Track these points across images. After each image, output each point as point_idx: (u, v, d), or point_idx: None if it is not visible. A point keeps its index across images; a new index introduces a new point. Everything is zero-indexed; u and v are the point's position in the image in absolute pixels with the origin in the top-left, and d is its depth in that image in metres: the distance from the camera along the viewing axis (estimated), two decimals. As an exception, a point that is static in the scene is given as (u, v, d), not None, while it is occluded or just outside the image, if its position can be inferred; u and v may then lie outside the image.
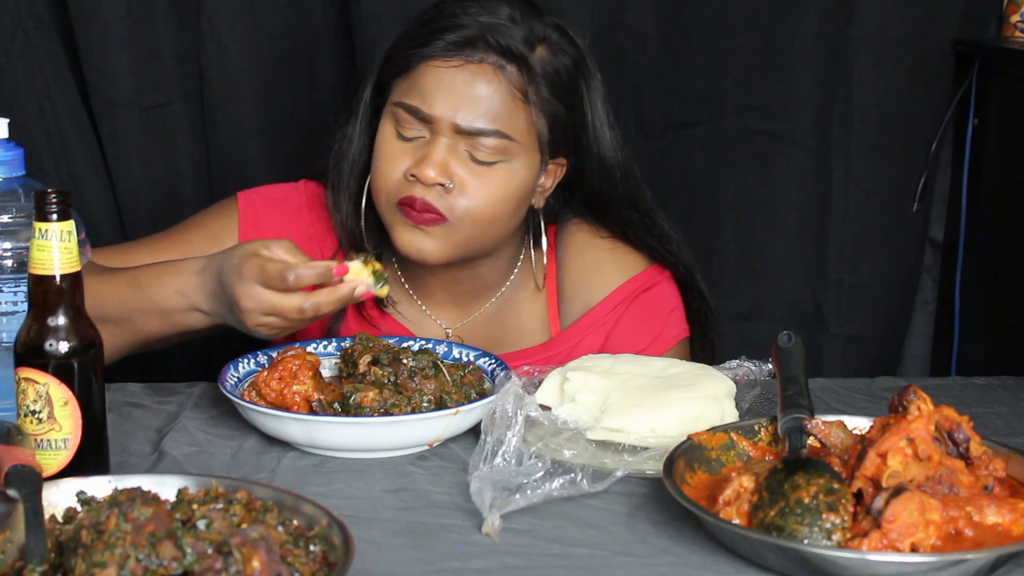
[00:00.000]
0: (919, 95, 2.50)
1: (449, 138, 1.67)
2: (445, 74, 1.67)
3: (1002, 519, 1.21)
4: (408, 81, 1.70)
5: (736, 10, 2.41)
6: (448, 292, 1.84)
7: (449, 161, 1.67)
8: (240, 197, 1.88)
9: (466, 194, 1.68)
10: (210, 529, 1.09)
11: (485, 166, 1.68)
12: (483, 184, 1.68)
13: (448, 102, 1.66)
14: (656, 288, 1.86)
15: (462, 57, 1.66)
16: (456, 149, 1.68)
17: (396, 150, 1.70)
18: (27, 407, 1.28)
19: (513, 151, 1.69)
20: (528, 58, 1.68)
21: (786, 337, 1.50)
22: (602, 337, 1.83)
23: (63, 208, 1.26)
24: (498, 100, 1.67)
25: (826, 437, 1.33)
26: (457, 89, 1.66)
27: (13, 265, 1.44)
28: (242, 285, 1.50)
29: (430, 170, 1.66)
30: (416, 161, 1.67)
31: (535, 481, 1.32)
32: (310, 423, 1.43)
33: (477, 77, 1.66)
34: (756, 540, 1.19)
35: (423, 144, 1.69)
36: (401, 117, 1.69)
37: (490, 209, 1.70)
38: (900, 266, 2.58)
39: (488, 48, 1.66)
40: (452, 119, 1.66)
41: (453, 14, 1.69)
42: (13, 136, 1.49)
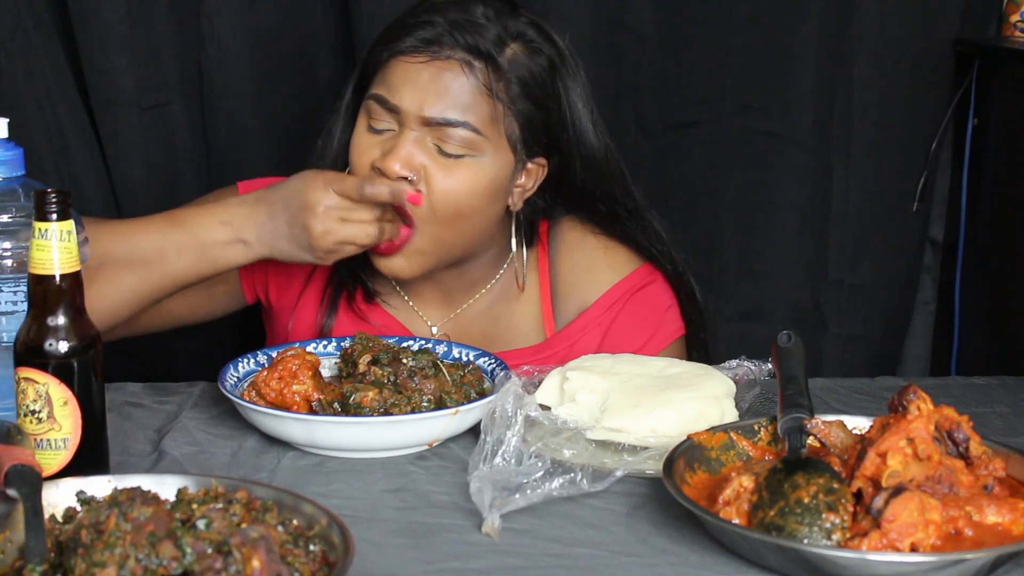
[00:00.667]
0: (919, 95, 2.49)
1: (416, 131, 1.68)
2: (412, 68, 1.68)
3: (1002, 519, 1.21)
4: (380, 75, 1.72)
5: (736, 10, 2.41)
6: (435, 289, 1.85)
7: (414, 154, 1.68)
8: (240, 187, 1.89)
9: (430, 187, 1.68)
10: (210, 529, 1.09)
11: (452, 159, 1.68)
12: (449, 176, 1.68)
13: (414, 94, 1.67)
14: (651, 286, 1.86)
15: (429, 53, 1.68)
16: (423, 142, 1.68)
17: (366, 142, 1.72)
18: (27, 407, 1.28)
19: (481, 146, 1.69)
20: (496, 57, 1.69)
21: (786, 337, 1.50)
22: (599, 337, 1.83)
23: (63, 208, 1.26)
24: (465, 93, 1.67)
25: (826, 437, 1.33)
26: (423, 82, 1.67)
27: (13, 265, 1.44)
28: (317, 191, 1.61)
29: (395, 163, 1.67)
30: (381, 154, 1.69)
31: (535, 481, 1.32)
32: (310, 423, 1.43)
33: (443, 72, 1.67)
34: (756, 540, 1.19)
35: (391, 137, 1.70)
36: (372, 109, 1.71)
37: (455, 202, 1.69)
38: (900, 266, 2.58)
39: (455, 45, 1.68)
40: (418, 111, 1.67)
41: (427, 12, 1.71)
42: (13, 136, 1.49)
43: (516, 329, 1.86)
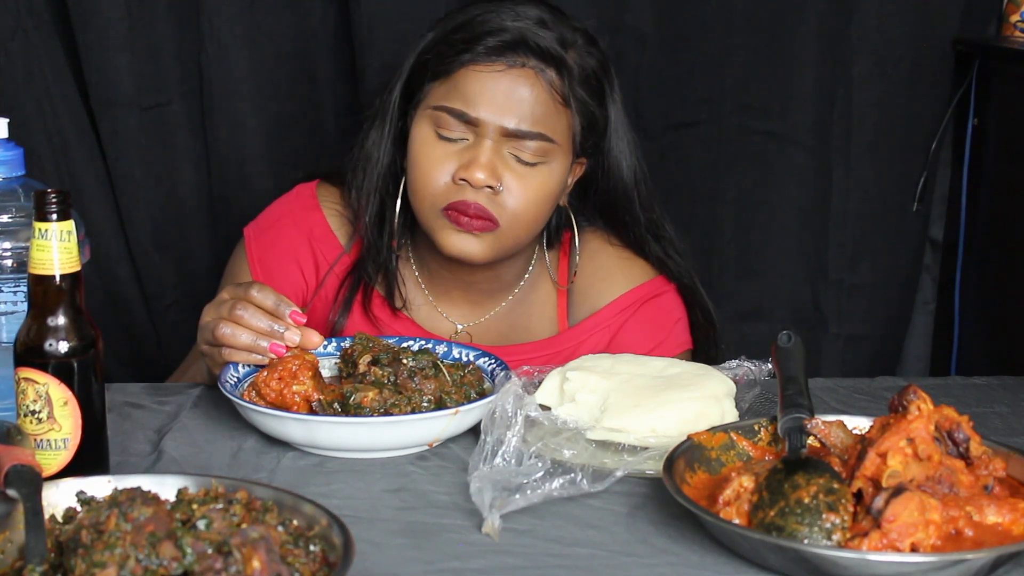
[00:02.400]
0: (919, 95, 2.49)
1: (494, 140, 1.70)
2: (488, 78, 1.69)
3: (1002, 519, 1.21)
4: (448, 85, 1.72)
5: (736, 10, 2.41)
6: (465, 292, 1.86)
7: (496, 163, 1.70)
8: (246, 234, 1.89)
9: (513, 195, 1.71)
10: (210, 529, 1.09)
11: (528, 167, 1.71)
12: (527, 186, 1.72)
13: (493, 106, 1.69)
14: (663, 297, 1.88)
15: (503, 61, 1.69)
16: (500, 151, 1.70)
17: (439, 153, 1.72)
18: (27, 407, 1.28)
19: (553, 152, 1.73)
20: (565, 60, 1.71)
21: (786, 337, 1.50)
22: (606, 339, 1.85)
23: (63, 208, 1.26)
24: (540, 103, 1.70)
25: (826, 437, 1.33)
26: (501, 93, 1.69)
27: (13, 265, 1.44)
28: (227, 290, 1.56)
29: (480, 172, 1.68)
30: (464, 164, 1.70)
31: (535, 481, 1.32)
32: (310, 423, 1.43)
33: (519, 81, 1.69)
34: (756, 540, 1.19)
35: (467, 147, 1.71)
36: (442, 120, 1.71)
37: (534, 210, 1.74)
38: (900, 266, 2.58)
39: (528, 52, 1.69)
40: (498, 122, 1.69)
41: (488, 19, 1.71)
42: (13, 136, 1.49)
43: (531, 329, 1.88)
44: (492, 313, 1.88)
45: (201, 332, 1.56)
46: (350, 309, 1.84)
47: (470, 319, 1.88)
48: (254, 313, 1.51)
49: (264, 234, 1.88)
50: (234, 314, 1.51)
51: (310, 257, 1.86)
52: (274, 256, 1.86)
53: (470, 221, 1.70)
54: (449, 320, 1.87)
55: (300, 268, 1.86)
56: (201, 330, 1.56)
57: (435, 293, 1.87)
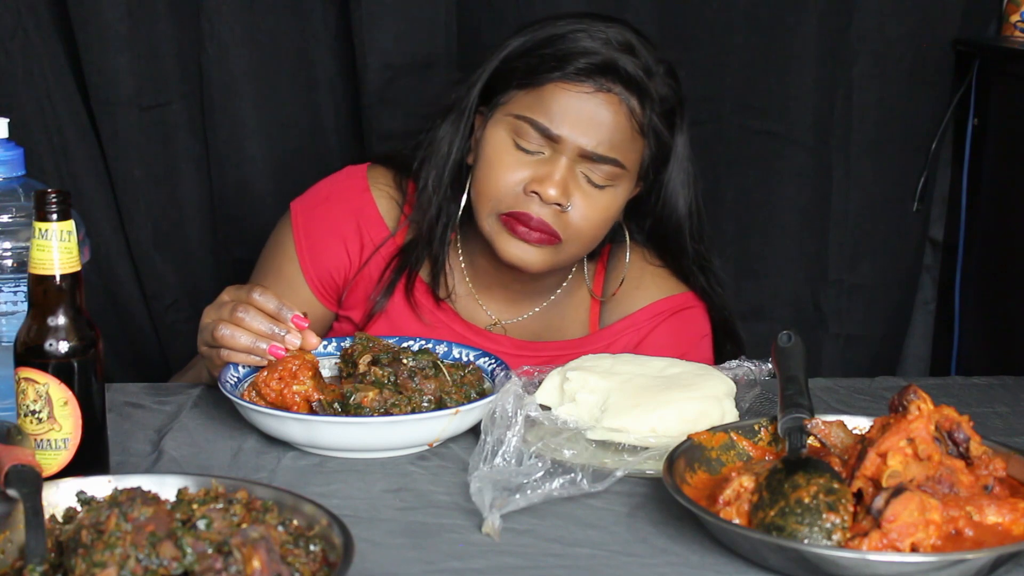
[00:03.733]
0: (919, 95, 2.49)
1: (570, 159, 1.72)
2: (575, 98, 1.71)
3: (1002, 519, 1.21)
4: (534, 97, 1.73)
5: (736, 10, 2.41)
6: (505, 289, 1.89)
7: (568, 182, 1.72)
8: (292, 209, 1.90)
9: (579, 215, 1.73)
10: (210, 529, 1.09)
11: (597, 189, 1.74)
12: (594, 207, 1.74)
13: (577, 126, 1.71)
14: (692, 311, 1.91)
15: (592, 84, 1.72)
16: (574, 170, 1.73)
17: (514, 161, 1.74)
18: (27, 407, 1.28)
19: (622, 177, 1.76)
20: (649, 89, 1.74)
21: (786, 337, 1.50)
22: (634, 343, 1.87)
23: (63, 208, 1.26)
24: (619, 129, 1.73)
25: (826, 437, 1.33)
26: (586, 114, 1.71)
27: (13, 265, 1.44)
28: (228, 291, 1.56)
29: (553, 189, 1.71)
30: (538, 177, 1.72)
31: (535, 481, 1.32)
32: (310, 423, 1.43)
33: (604, 105, 1.72)
34: (756, 540, 1.19)
35: (542, 161, 1.73)
36: (522, 130, 1.73)
37: (596, 230, 1.77)
38: (900, 266, 2.58)
39: (616, 78, 1.72)
40: (578, 142, 1.71)
41: (580, 38, 1.73)
42: (13, 136, 1.49)
43: (564, 330, 1.91)
44: (529, 314, 1.90)
45: (201, 333, 1.56)
46: (392, 292, 1.86)
47: (506, 316, 1.90)
48: (255, 316, 1.51)
49: (312, 210, 1.88)
50: (235, 316, 1.51)
51: (356, 236, 1.87)
52: (320, 232, 1.87)
53: (528, 232, 1.72)
54: (487, 313, 1.90)
55: (345, 246, 1.87)
56: (201, 331, 1.56)
57: (477, 286, 1.90)
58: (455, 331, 1.85)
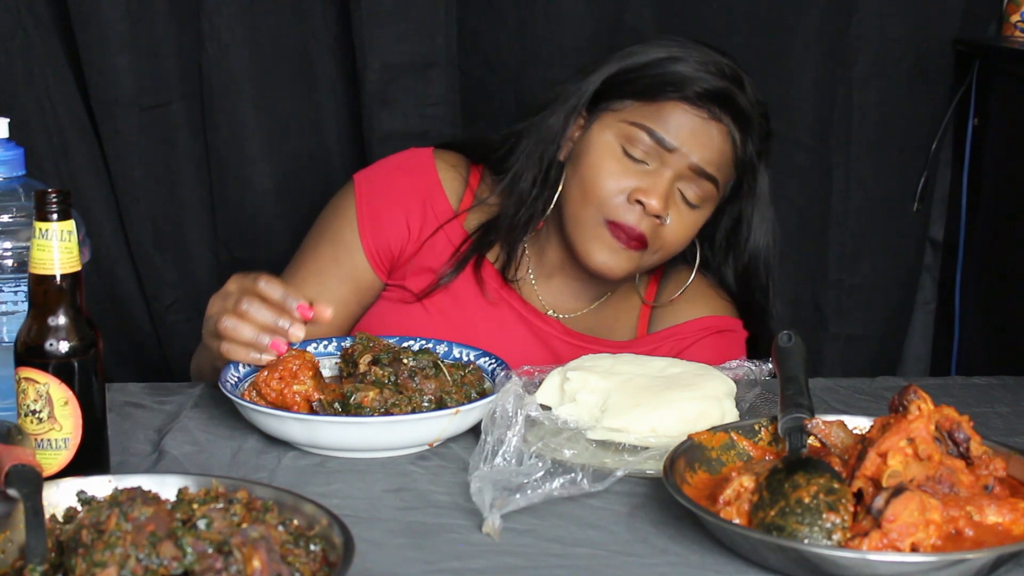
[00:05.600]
0: (919, 95, 2.49)
1: (675, 173, 1.78)
2: (694, 119, 1.79)
3: (1002, 519, 1.21)
4: (652, 110, 1.79)
5: (736, 10, 2.41)
6: (566, 284, 1.93)
7: (670, 196, 1.79)
8: (356, 179, 1.92)
9: (672, 230, 1.81)
10: (210, 529, 1.09)
11: (690, 208, 1.82)
12: (685, 225, 1.82)
13: (690, 142, 1.78)
14: (735, 334, 1.96)
15: (708, 111, 1.79)
16: (673, 186, 1.79)
17: (621, 167, 1.79)
18: (27, 407, 1.28)
19: (712, 200, 1.84)
20: (753, 125, 1.83)
21: (786, 337, 1.50)
22: (675, 352, 1.91)
23: (63, 208, 1.26)
24: (723, 154, 1.82)
25: (826, 437, 1.33)
26: (700, 134, 1.79)
27: (13, 265, 1.44)
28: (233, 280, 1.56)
29: (657, 200, 1.77)
30: (643, 188, 1.77)
31: (535, 481, 1.32)
32: (310, 423, 1.43)
33: (717, 132, 1.80)
34: (756, 540, 1.19)
35: (648, 172, 1.79)
36: (634, 137, 1.79)
37: (680, 246, 1.85)
38: (900, 266, 2.58)
39: (728, 110, 1.80)
40: (689, 157, 1.78)
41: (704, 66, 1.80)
42: (13, 136, 1.49)
43: (613, 331, 1.95)
44: (583, 312, 1.94)
45: (205, 323, 1.57)
46: (463, 268, 1.89)
47: (561, 310, 1.94)
48: (259, 307, 1.51)
49: (377, 180, 1.91)
50: (239, 308, 1.51)
51: (420, 210, 1.89)
52: (385, 202, 1.89)
53: (628, 240, 1.78)
54: (542, 302, 1.93)
55: (407, 217, 1.89)
56: (205, 320, 1.57)
57: (539, 276, 1.93)
58: (516, 310, 1.89)
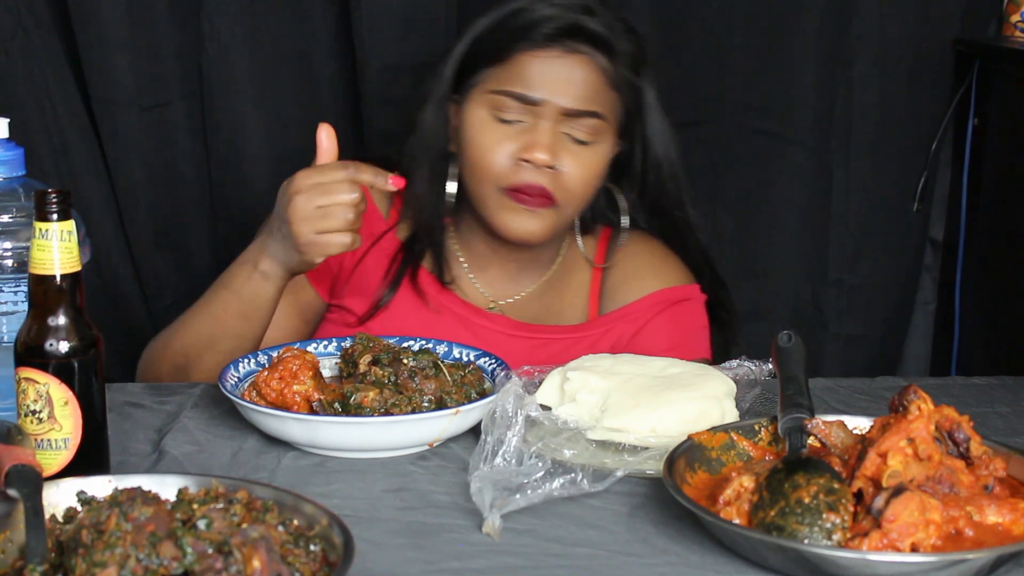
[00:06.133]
0: (919, 95, 2.50)
1: (553, 121, 1.76)
2: (546, 62, 1.76)
3: (1002, 519, 1.21)
4: (505, 70, 1.78)
5: (736, 10, 2.41)
6: (503, 269, 1.91)
7: (555, 143, 1.76)
8: None
9: (570, 174, 1.77)
10: (210, 529, 1.09)
11: (584, 146, 1.78)
12: (583, 164, 1.78)
13: (552, 87, 1.76)
14: (692, 303, 1.93)
15: (559, 47, 1.76)
16: (558, 132, 1.77)
17: (499, 135, 1.78)
18: (27, 407, 1.28)
19: (604, 131, 1.80)
20: (614, 45, 1.78)
21: (786, 337, 1.50)
22: (631, 331, 1.88)
23: (63, 208, 1.26)
24: (593, 86, 1.77)
25: (826, 437, 1.33)
26: (559, 75, 1.76)
27: (13, 265, 1.44)
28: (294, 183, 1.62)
29: (542, 153, 1.75)
30: (525, 145, 1.76)
31: (535, 481, 1.32)
32: (310, 423, 1.43)
33: (575, 64, 1.77)
34: (756, 540, 1.19)
35: (525, 129, 1.77)
36: (500, 103, 1.77)
37: (588, 187, 1.81)
38: (900, 266, 2.58)
39: (581, 38, 1.76)
40: (557, 102, 1.75)
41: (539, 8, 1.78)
42: (13, 136, 1.49)
43: (562, 314, 1.92)
44: (526, 292, 1.92)
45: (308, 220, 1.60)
46: (398, 286, 1.88)
47: (504, 295, 1.92)
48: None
49: None
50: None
51: None
52: None
53: (532, 199, 1.76)
54: (484, 295, 1.92)
55: None
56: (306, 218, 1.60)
57: (473, 268, 1.92)
58: (458, 314, 1.87)
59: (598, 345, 1.86)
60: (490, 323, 1.87)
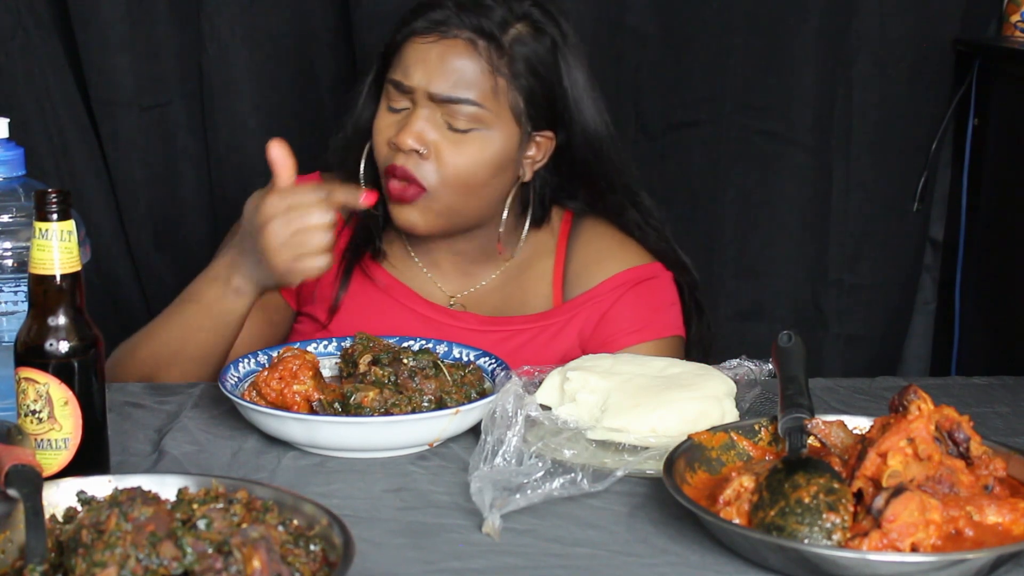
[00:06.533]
0: (919, 95, 2.50)
1: (427, 108, 1.74)
2: (423, 48, 1.75)
3: (1002, 519, 1.21)
4: (396, 59, 1.78)
5: (736, 10, 2.42)
6: (452, 262, 1.89)
7: (425, 129, 1.74)
8: None
9: (441, 160, 1.75)
10: (210, 529, 1.09)
11: (460, 133, 1.75)
12: (457, 152, 1.75)
13: (423, 73, 1.74)
14: (657, 280, 1.89)
15: (437, 33, 1.74)
16: (434, 119, 1.74)
17: (384, 123, 1.78)
18: (27, 407, 1.28)
19: (487, 120, 1.75)
20: (499, 37, 1.75)
21: (786, 337, 1.50)
22: (597, 315, 1.86)
23: (63, 208, 1.26)
24: (470, 72, 1.74)
25: (826, 437, 1.33)
26: (432, 61, 1.74)
27: (13, 265, 1.44)
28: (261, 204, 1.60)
29: (408, 138, 1.73)
30: (397, 131, 1.75)
31: (535, 481, 1.32)
32: (310, 423, 1.43)
33: (450, 50, 1.74)
34: (756, 540, 1.19)
35: (406, 115, 1.76)
36: (389, 92, 1.78)
37: (464, 175, 1.76)
38: (900, 266, 2.59)
39: (462, 25, 1.74)
40: (427, 88, 1.73)
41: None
42: (13, 136, 1.49)
43: (526, 304, 1.90)
44: (482, 284, 1.90)
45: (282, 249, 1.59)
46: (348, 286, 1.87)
47: (461, 289, 1.90)
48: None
49: None
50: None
51: None
52: None
53: (399, 192, 1.75)
54: (442, 290, 1.90)
55: None
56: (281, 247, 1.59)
57: (426, 263, 1.91)
58: (419, 313, 1.86)
59: (564, 332, 1.85)
60: (454, 321, 1.86)
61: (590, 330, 1.85)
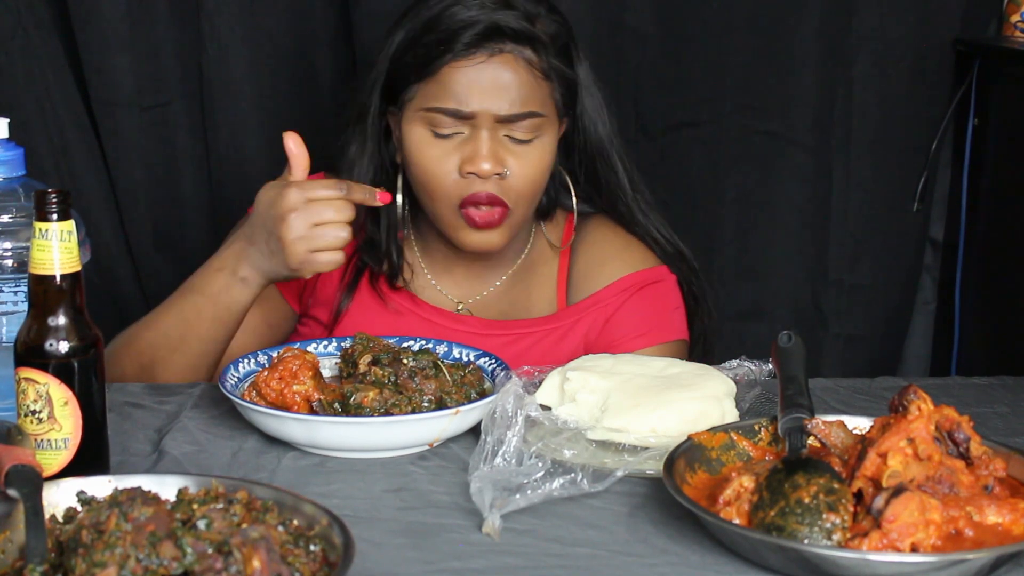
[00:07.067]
0: (919, 95, 2.50)
1: (490, 129, 1.73)
2: (472, 71, 1.72)
3: (1002, 519, 1.21)
4: (434, 85, 1.73)
5: (736, 10, 2.42)
6: (465, 268, 1.89)
7: (497, 150, 1.73)
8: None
9: (517, 177, 1.75)
10: (210, 529, 1.09)
11: (525, 144, 1.75)
12: (527, 163, 1.75)
13: (483, 97, 1.71)
14: (662, 284, 1.89)
15: (483, 52, 1.72)
16: (497, 137, 1.74)
17: (439, 152, 1.75)
18: (27, 407, 1.28)
19: (544, 125, 1.76)
20: (537, 35, 1.74)
21: (786, 337, 1.50)
22: (603, 319, 1.86)
23: (63, 208, 1.26)
24: (524, 83, 1.73)
25: (826, 437, 1.33)
26: (488, 82, 1.72)
27: (13, 265, 1.44)
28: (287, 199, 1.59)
29: (485, 163, 1.72)
30: (467, 158, 1.73)
31: (535, 481, 1.32)
32: (310, 423, 1.43)
33: (501, 67, 1.72)
34: (756, 540, 1.19)
35: (464, 140, 1.74)
36: (435, 120, 1.74)
37: (536, 184, 1.78)
38: (900, 266, 2.59)
39: (503, 37, 1.72)
40: (491, 111, 1.72)
41: (455, 12, 1.73)
42: (13, 136, 1.49)
43: (530, 308, 1.90)
44: (491, 289, 1.90)
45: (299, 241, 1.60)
46: (355, 291, 1.87)
47: (469, 295, 1.90)
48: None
49: None
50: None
51: None
52: None
53: (485, 216, 1.74)
54: (449, 298, 1.90)
55: None
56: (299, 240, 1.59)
57: (435, 272, 1.90)
58: (424, 318, 1.86)
59: (569, 336, 1.85)
60: (459, 325, 1.85)
61: (595, 334, 1.85)
